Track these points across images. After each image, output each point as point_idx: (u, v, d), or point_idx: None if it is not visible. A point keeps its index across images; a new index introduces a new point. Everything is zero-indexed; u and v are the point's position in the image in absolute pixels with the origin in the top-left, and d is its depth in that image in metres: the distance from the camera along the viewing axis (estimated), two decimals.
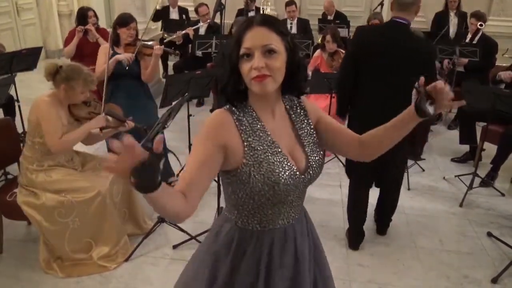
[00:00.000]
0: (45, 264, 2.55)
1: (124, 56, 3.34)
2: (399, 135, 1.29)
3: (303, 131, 1.33)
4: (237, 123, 1.23)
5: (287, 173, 1.22)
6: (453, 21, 5.80)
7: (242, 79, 1.21)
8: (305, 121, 1.35)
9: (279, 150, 1.24)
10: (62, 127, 2.45)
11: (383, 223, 3.04)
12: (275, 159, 1.22)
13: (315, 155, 1.32)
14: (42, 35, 7.37)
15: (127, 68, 3.34)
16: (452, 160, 4.24)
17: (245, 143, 1.22)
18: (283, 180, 1.21)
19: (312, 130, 1.35)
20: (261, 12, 6.44)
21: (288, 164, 1.24)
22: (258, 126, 1.25)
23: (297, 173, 1.25)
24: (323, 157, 1.35)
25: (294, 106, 1.35)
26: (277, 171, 1.21)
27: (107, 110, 2.70)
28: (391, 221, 3.05)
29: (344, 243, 2.91)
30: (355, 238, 2.88)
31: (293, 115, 1.34)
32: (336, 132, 1.38)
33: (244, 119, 1.24)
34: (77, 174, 2.61)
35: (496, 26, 6.39)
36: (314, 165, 1.30)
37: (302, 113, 1.35)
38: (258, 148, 1.22)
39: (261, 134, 1.24)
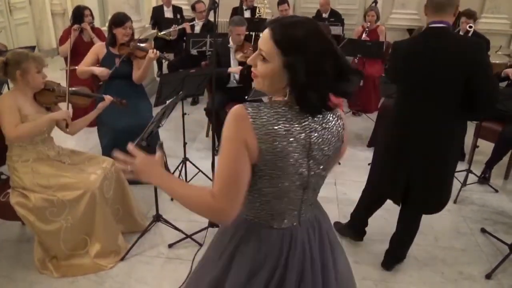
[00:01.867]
0: (40, 263, 2.54)
1: (99, 71, 3.36)
2: None
3: None
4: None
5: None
6: None
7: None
8: None
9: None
10: (20, 117, 2.43)
11: (390, 252, 2.70)
12: None
13: None
14: (35, 34, 7.33)
15: (100, 83, 3.40)
16: None
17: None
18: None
19: None
20: (257, 11, 6.45)
21: None
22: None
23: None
24: None
25: None
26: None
27: (74, 90, 2.73)
28: (402, 259, 2.74)
29: (339, 240, 2.91)
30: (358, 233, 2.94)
31: None
32: None
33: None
34: (65, 168, 2.59)
35: (489, 23, 6.42)
36: None
37: None
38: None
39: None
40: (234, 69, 4.08)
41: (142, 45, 3.50)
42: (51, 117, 2.57)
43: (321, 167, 1.30)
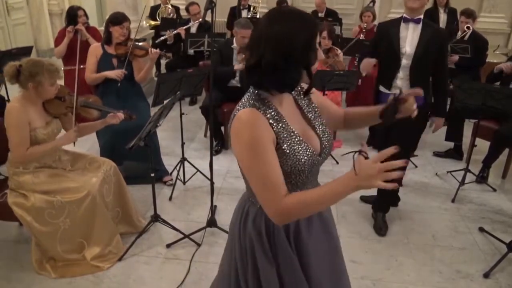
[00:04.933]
0: (37, 264, 2.53)
1: (115, 74, 3.36)
2: (368, 124, 1.54)
3: (311, 115, 1.43)
4: (267, 117, 1.27)
5: (310, 160, 1.31)
6: (443, 18, 5.84)
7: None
8: (311, 105, 1.45)
9: (300, 138, 1.32)
10: (29, 133, 2.39)
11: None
12: (298, 148, 1.29)
13: (326, 135, 1.42)
14: (33, 34, 7.32)
15: (119, 85, 3.36)
16: (434, 153, 4.29)
17: (276, 135, 1.28)
18: (307, 167, 1.31)
19: (318, 113, 1.45)
20: (252, 10, 6.45)
21: (310, 150, 1.32)
22: (278, 116, 1.30)
23: (316, 155, 1.35)
24: (331, 135, 1.46)
25: (299, 93, 1.45)
26: (302, 160, 1.29)
27: (84, 102, 2.68)
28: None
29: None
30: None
31: (300, 101, 1.43)
32: (330, 110, 1.54)
33: (267, 112, 1.29)
34: (66, 174, 2.58)
35: (487, 22, 6.43)
36: (327, 144, 1.41)
37: (306, 99, 1.45)
38: (283, 139, 1.28)
39: (283, 124, 1.30)
40: (241, 66, 4.04)
41: (140, 43, 3.50)
42: (60, 143, 2.56)
43: None
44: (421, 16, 2.75)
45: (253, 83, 1.31)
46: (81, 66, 3.66)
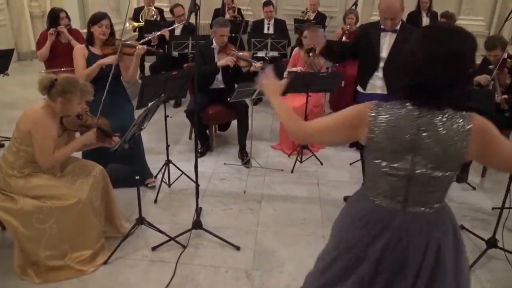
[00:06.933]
0: (20, 270, 2.49)
1: (109, 59, 3.32)
2: None
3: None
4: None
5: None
6: (425, 21, 5.95)
7: None
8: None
9: None
10: (54, 141, 2.44)
11: None
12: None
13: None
14: (13, 36, 7.19)
15: (110, 78, 3.32)
16: None
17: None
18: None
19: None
20: (236, 11, 6.47)
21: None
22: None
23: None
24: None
25: None
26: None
27: (99, 124, 2.71)
28: None
29: (322, 240, 2.95)
30: None
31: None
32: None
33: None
34: (57, 180, 2.57)
35: (465, 25, 6.55)
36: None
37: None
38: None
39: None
40: (224, 61, 4.00)
41: (129, 42, 3.48)
42: (82, 141, 2.62)
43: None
44: (397, 27, 2.85)
45: (423, 102, 1.32)
46: (63, 69, 3.63)
